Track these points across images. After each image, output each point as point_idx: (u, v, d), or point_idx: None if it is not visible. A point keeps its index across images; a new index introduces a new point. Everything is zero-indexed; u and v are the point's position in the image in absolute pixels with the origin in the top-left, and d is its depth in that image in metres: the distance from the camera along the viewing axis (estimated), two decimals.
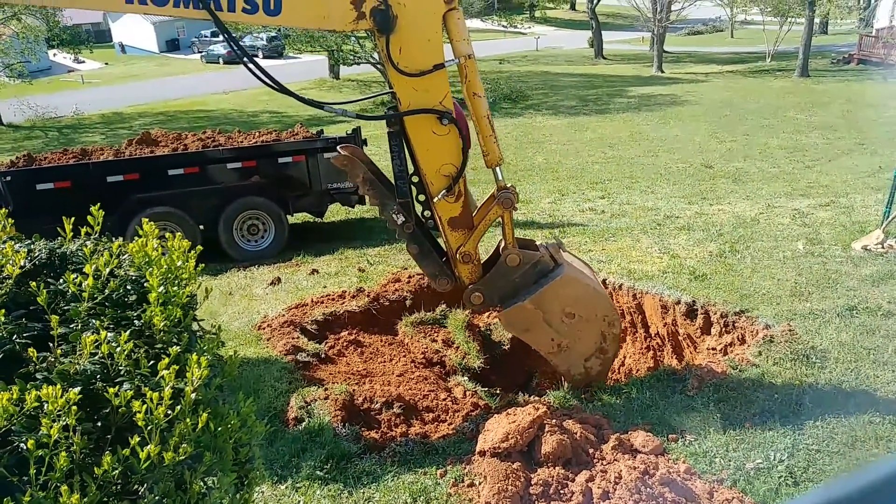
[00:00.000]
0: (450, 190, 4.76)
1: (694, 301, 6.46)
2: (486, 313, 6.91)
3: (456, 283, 5.12)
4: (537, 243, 5.31)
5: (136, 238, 2.46)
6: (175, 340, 2.13)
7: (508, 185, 4.93)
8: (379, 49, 4.56)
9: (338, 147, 5.49)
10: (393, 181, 4.93)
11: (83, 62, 44.27)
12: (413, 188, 4.96)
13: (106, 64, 49.35)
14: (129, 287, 2.28)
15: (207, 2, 4.22)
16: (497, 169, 4.87)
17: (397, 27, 4.40)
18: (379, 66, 25.71)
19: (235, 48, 4.65)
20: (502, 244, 5.08)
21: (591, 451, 4.24)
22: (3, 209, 2.66)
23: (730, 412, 4.65)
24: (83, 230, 2.57)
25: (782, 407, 4.66)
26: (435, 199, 4.80)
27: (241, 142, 9.79)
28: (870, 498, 0.87)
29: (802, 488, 3.92)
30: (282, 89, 4.58)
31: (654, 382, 5.09)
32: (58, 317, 1.93)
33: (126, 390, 1.81)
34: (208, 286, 2.68)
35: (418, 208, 5.11)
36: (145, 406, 1.75)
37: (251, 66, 4.56)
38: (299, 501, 4.05)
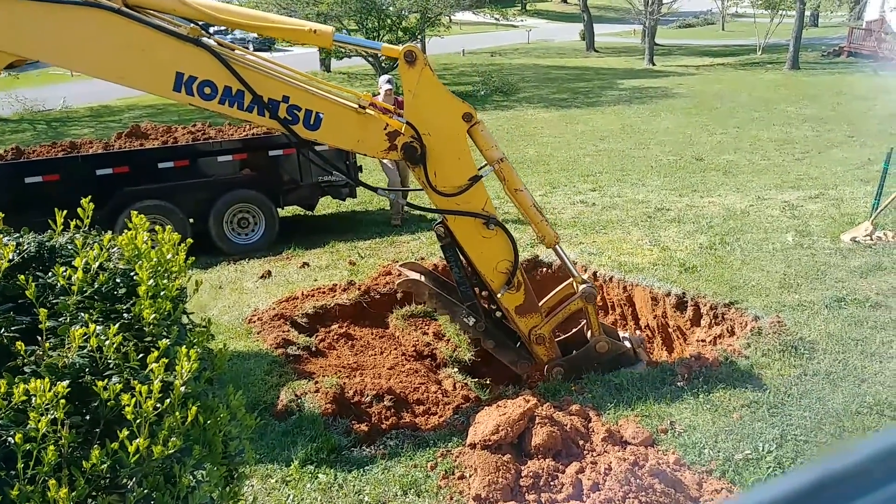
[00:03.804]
0: (510, 283, 5.01)
1: (684, 293, 6.49)
2: None
3: (535, 363, 5.39)
4: (621, 335, 5.69)
5: (125, 231, 2.45)
6: (164, 334, 2.13)
7: (587, 278, 5.32)
8: (416, 177, 4.81)
9: (398, 266, 5.75)
10: (455, 284, 5.23)
11: None
12: (475, 287, 5.27)
13: None
14: (118, 280, 2.28)
15: (251, 106, 4.36)
16: (559, 248, 5.18)
17: (428, 155, 4.63)
18: (370, 59, 25.67)
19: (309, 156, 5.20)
20: (588, 331, 5.42)
21: (581, 442, 4.26)
22: None
23: (719, 403, 4.67)
24: (73, 223, 2.56)
25: (771, 398, 4.69)
26: (498, 296, 5.05)
27: (232, 135, 9.75)
28: (867, 472, 0.88)
29: None
30: (365, 185, 5.48)
31: (644, 374, 5.12)
32: (46, 310, 1.92)
33: (115, 384, 1.80)
34: (198, 279, 2.67)
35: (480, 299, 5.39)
36: (134, 399, 1.75)
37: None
38: (289, 494, 4.05)
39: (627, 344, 5.52)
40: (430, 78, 4.56)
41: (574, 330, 5.66)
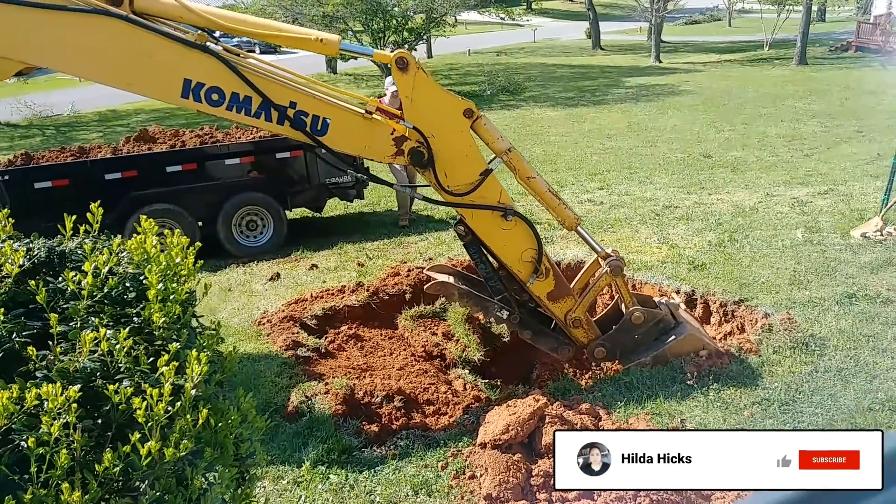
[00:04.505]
0: (537, 272, 4.98)
1: (693, 290, 6.48)
2: None
3: (576, 347, 5.34)
4: (655, 300, 5.61)
5: (134, 235, 2.46)
6: (174, 337, 2.13)
7: (610, 251, 5.22)
8: (427, 181, 4.81)
9: (426, 271, 5.75)
10: (483, 279, 5.20)
11: None
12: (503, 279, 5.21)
13: None
14: (128, 284, 2.28)
15: (258, 112, 4.36)
16: (581, 230, 5.17)
17: (435, 157, 4.62)
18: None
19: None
20: (621, 303, 5.34)
21: None
22: (4, 209, 2.66)
23: (730, 401, 4.66)
24: (82, 228, 2.57)
25: (782, 395, 4.68)
26: (528, 285, 5.02)
27: (239, 138, 9.77)
28: None
29: None
30: (378, 180, 5.51)
31: (654, 371, 5.10)
32: (57, 315, 1.93)
33: (126, 387, 1.81)
34: (207, 282, 2.68)
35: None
36: (145, 403, 1.75)
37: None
38: (301, 496, 4.06)
39: (663, 310, 5.43)
40: (424, 81, 4.55)
41: (608, 308, 5.60)
